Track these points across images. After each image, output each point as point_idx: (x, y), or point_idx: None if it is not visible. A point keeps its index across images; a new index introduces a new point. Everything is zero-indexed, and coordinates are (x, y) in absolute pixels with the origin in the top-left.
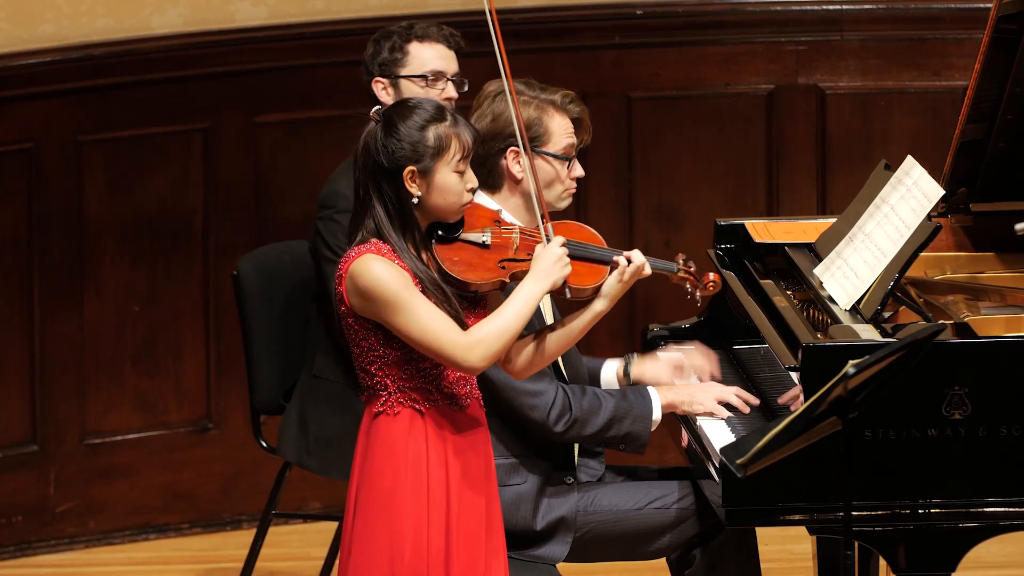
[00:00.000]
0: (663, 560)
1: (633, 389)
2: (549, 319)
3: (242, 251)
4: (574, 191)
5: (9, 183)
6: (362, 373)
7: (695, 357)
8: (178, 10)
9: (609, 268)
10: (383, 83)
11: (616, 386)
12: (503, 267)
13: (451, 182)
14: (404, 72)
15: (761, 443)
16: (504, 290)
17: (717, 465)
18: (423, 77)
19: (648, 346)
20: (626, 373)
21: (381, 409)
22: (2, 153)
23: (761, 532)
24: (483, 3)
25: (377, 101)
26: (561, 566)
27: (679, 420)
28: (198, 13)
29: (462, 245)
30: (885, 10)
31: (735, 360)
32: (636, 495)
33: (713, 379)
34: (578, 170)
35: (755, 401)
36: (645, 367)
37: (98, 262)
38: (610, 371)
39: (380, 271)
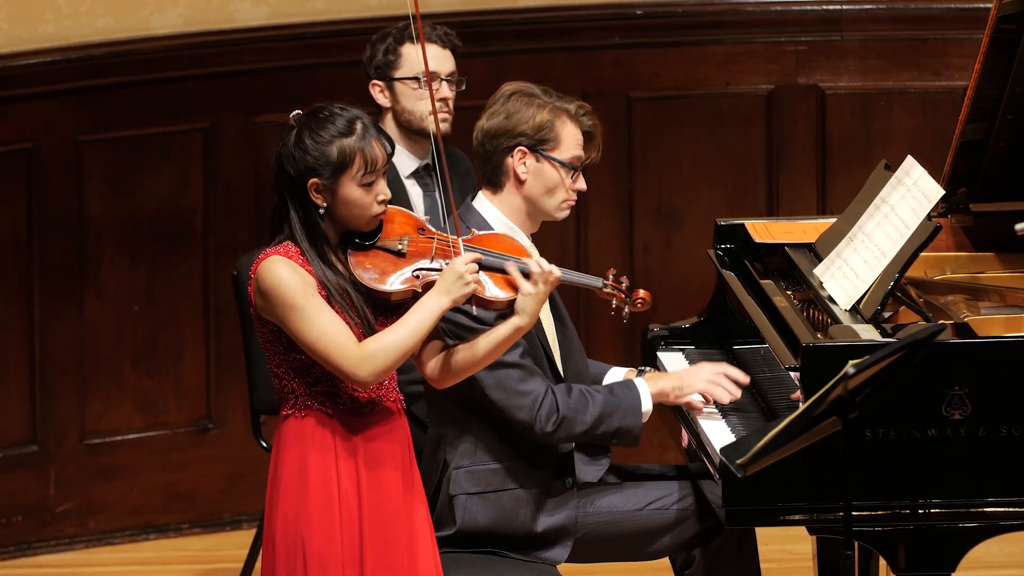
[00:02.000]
0: (664, 560)
1: (620, 383)
2: (551, 332)
3: (242, 251)
4: (574, 203)
5: (9, 183)
6: (273, 376)
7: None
8: (178, 10)
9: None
10: (380, 86)
11: None
12: (416, 276)
13: (355, 196)
14: (398, 74)
15: (761, 443)
16: (417, 299)
17: (717, 465)
18: (416, 79)
19: (648, 346)
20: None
21: (290, 412)
22: (2, 153)
23: (761, 532)
24: (483, 3)
25: (375, 103)
26: (561, 566)
27: (679, 420)
28: (198, 13)
29: (377, 252)
30: (885, 10)
31: (735, 360)
32: (636, 496)
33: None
34: (581, 183)
35: (744, 380)
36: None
37: (98, 262)
38: (617, 377)
39: (282, 273)
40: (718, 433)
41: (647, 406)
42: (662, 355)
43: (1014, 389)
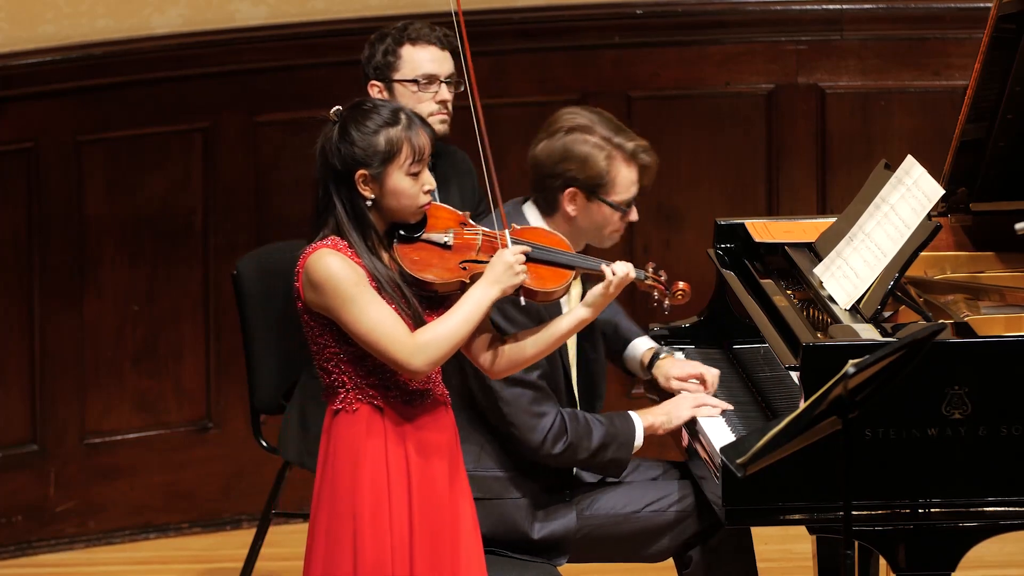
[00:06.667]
0: (666, 560)
1: (619, 415)
2: (573, 352)
3: (242, 251)
4: (622, 232)
5: (9, 183)
6: (320, 371)
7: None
8: (178, 10)
9: (577, 276)
10: (378, 86)
11: (637, 367)
12: (464, 268)
13: (404, 186)
14: (397, 76)
15: (761, 443)
16: (464, 291)
17: (717, 464)
18: (415, 81)
19: None
20: (650, 364)
21: (340, 407)
22: (2, 153)
23: (761, 532)
24: (483, 3)
25: None
26: (561, 566)
27: None
28: (198, 13)
29: (423, 245)
30: (885, 10)
31: (735, 360)
32: (634, 497)
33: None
34: (633, 216)
35: (727, 407)
36: (668, 371)
37: (98, 262)
38: (637, 350)
39: (334, 265)
40: (718, 432)
41: (639, 441)
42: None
43: (1014, 389)
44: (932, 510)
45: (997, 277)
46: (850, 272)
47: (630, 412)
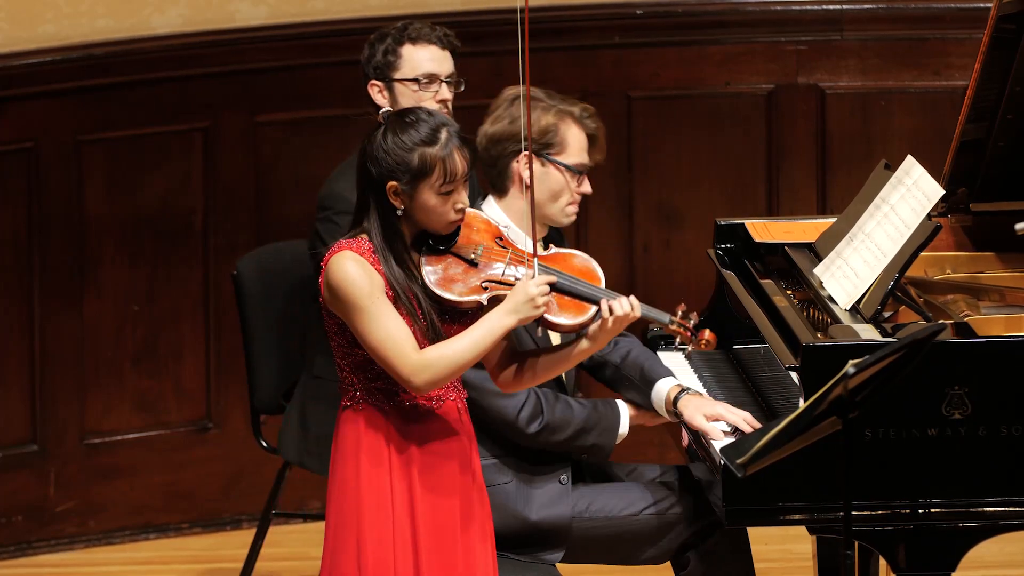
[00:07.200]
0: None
1: (603, 401)
2: (556, 340)
3: (242, 251)
4: (577, 208)
5: (9, 183)
6: (336, 366)
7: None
8: (178, 10)
9: (597, 311)
10: (379, 86)
11: (663, 407)
12: (485, 287)
13: (432, 204)
14: (397, 75)
15: (761, 443)
16: (482, 311)
17: (717, 465)
18: (415, 80)
19: (648, 346)
20: (675, 402)
21: (348, 403)
22: (2, 153)
23: (761, 532)
24: (483, 3)
25: (373, 103)
26: (560, 566)
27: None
28: (198, 13)
29: (450, 258)
30: (885, 10)
31: (735, 360)
32: (632, 500)
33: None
34: (586, 187)
35: (732, 419)
36: (690, 406)
37: (98, 262)
38: (663, 388)
39: (351, 271)
40: (718, 433)
41: (624, 429)
42: (662, 355)
43: (1014, 389)
44: (932, 510)
45: (997, 277)
46: (850, 272)
47: (616, 400)
